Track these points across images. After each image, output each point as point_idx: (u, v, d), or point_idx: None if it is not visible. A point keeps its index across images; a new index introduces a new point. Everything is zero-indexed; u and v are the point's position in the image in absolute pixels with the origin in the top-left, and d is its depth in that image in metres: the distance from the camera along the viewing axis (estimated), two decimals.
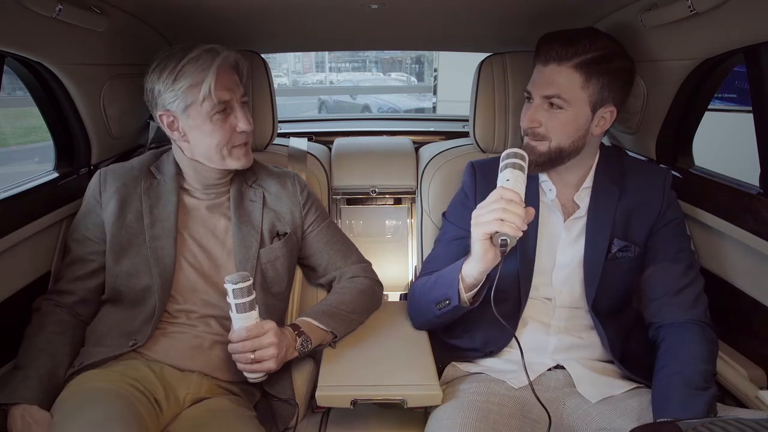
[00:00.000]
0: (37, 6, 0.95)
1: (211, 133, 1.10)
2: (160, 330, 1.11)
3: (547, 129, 1.08)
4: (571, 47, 1.05)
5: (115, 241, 1.13)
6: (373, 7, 1.22)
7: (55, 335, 1.09)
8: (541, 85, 1.08)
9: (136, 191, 1.16)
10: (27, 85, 1.25)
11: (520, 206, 0.91)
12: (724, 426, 0.58)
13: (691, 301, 1.09)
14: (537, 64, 1.11)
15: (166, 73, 1.07)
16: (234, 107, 1.12)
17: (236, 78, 1.14)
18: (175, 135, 1.13)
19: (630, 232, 1.14)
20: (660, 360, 1.04)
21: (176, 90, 1.07)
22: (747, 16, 0.95)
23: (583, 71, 1.05)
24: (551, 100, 1.07)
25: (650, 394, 1.02)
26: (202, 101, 1.07)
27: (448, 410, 0.99)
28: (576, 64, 1.05)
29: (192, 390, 1.05)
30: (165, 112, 1.11)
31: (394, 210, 1.63)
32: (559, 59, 1.06)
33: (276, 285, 1.21)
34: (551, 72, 1.07)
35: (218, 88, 1.07)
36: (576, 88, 1.06)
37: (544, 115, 1.08)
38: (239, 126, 1.12)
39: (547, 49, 1.07)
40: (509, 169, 0.96)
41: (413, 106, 8.73)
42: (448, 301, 1.05)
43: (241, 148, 1.15)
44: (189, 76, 1.06)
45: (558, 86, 1.06)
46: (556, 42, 1.07)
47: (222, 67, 1.09)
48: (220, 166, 1.14)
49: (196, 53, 1.07)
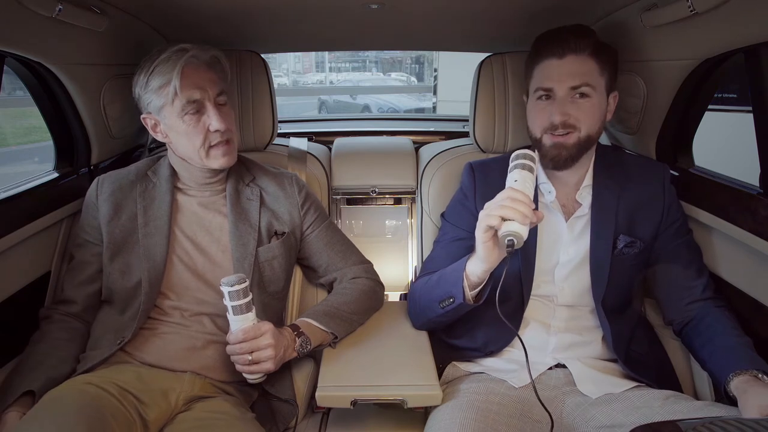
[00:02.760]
0: (37, 6, 0.95)
1: (186, 133, 1.10)
2: (152, 330, 1.10)
3: (577, 119, 1.09)
4: (584, 38, 1.08)
5: (110, 240, 1.14)
6: (373, 7, 1.22)
7: (63, 341, 1.09)
8: (564, 77, 1.08)
9: (131, 194, 1.17)
10: (27, 85, 1.25)
11: (527, 206, 0.90)
12: (724, 426, 0.59)
13: (709, 293, 1.14)
14: (547, 59, 1.10)
15: (142, 76, 1.09)
16: (206, 106, 1.10)
17: (212, 76, 1.12)
18: (158, 137, 1.14)
19: (635, 228, 1.15)
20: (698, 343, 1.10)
21: (150, 91, 1.08)
22: (747, 16, 0.95)
23: (597, 58, 1.08)
24: (579, 90, 1.08)
25: (651, 392, 1.03)
26: (172, 101, 1.07)
27: (447, 410, 0.99)
28: (591, 52, 1.08)
29: (185, 389, 1.04)
30: (147, 115, 1.12)
31: (394, 210, 1.63)
32: (576, 50, 1.08)
33: (273, 284, 1.21)
34: (572, 63, 1.08)
35: (186, 86, 1.06)
36: (596, 75, 1.09)
37: (572, 106, 1.09)
38: (212, 125, 1.09)
39: (560, 43, 1.08)
40: (518, 170, 0.95)
41: (413, 106, 8.73)
42: (452, 299, 1.05)
43: (219, 147, 1.12)
44: (158, 76, 1.07)
45: (584, 75, 1.08)
46: (567, 35, 1.09)
47: (190, 66, 1.08)
48: (201, 165, 1.14)
49: (167, 54, 1.07)
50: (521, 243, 0.91)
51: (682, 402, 0.98)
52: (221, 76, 1.15)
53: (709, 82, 1.21)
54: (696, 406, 0.96)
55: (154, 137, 1.15)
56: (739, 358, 0.98)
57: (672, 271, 1.16)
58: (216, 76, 1.13)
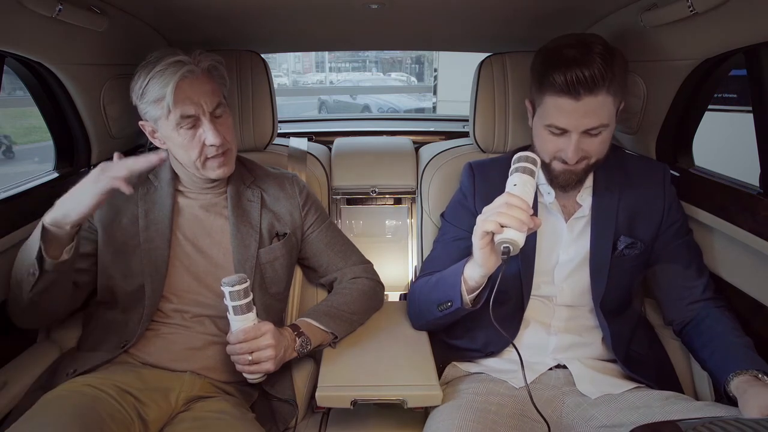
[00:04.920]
0: (37, 6, 0.95)
1: (182, 145, 1.08)
2: (153, 331, 1.10)
3: (589, 152, 1.06)
4: (599, 71, 0.97)
5: (110, 242, 1.13)
6: (373, 7, 1.22)
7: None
8: (580, 119, 1.01)
9: (132, 197, 1.15)
10: (27, 85, 1.25)
11: (523, 212, 0.89)
12: (724, 426, 0.58)
13: (709, 294, 1.14)
14: (562, 96, 1.01)
15: (138, 85, 1.07)
16: (201, 120, 1.07)
17: (209, 87, 1.09)
18: (157, 143, 1.14)
19: (635, 229, 1.15)
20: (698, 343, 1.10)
21: (146, 103, 1.07)
22: (747, 16, 0.94)
23: (611, 89, 1.00)
24: (595, 131, 1.03)
25: (651, 392, 1.03)
26: (167, 115, 1.06)
27: (446, 411, 0.99)
28: (607, 87, 0.99)
29: (185, 389, 1.04)
30: (145, 122, 1.12)
31: (394, 210, 1.63)
32: (593, 89, 0.98)
33: (274, 285, 1.21)
34: (587, 104, 1.00)
35: (180, 101, 1.04)
36: (611, 108, 1.02)
37: (585, 142, 1.04)
38: (208, 139, 1.07)
39: (573, 81, 0.98)
40: (518, 174, 0.94)
41: (413, 106, 8.74)
42: (450, 303, 1.05)
43: (215, 160, 1.11)
44: (153, 89, 1.05)
45: (599, 116, 1.01)
46: (577, 69, 0.98)
47: (185, 80, 1.04)
48: (197, 174, 1.14)
49: (162, 66, 1.04)
50: (517, 250, 0.90)
51: (682, 402, 0.98)
52: (220, 83, 1.14)
53: (709, 82, 1.21)
54: (696, 406, 0.96)
55: (153, 143, 1.15)
56: (740, 358, 0.98)
57: (672, 272, 1.16)
58: (214, 86, 1.11)
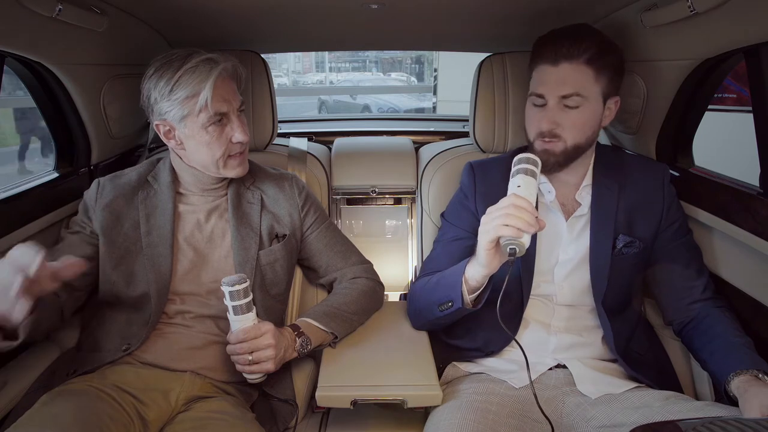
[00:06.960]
0: (37, 6, 0.95)
1: (207, 143, 1.09)
2: (156, 331, 1.10)
3: (563, 129, 1.08)
4: (580, 43, 1.04)
5: (113, 248, 1.13)
6: (373, 7, 1.22)
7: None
8: (555, 85, 1.07)
9: (132, 202, 1.16)
10: (27, 85, 1.25)
11: (529, 213, 0.90)
12: (724, 426, 0.58)
13: (709, 294, 1.14)
14: (542, 64, 1.09)
15: (163, 83, 1.05)
16: (231, 118, 1.10)
17: (234, 86, 1.12)
18: (171, 143, 1.13)
19: (634, 228, 1.15)
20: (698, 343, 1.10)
21: (173, 100, 1.06)
22: (747, 16, 0.95)
23: (593, 66, 1.05)
24: (569, 100, 1.06)
25: (651, 392, 1.03)
26: (198, 112, 1.06)
27: (446, 411, 0.99)
28: (587, 59, 1.05)
29: (185, 389, 1.04)
30: (161, 122, 1.10)
31: (394, 210, 1.63)
32: (570, 57, 1.05)
33: (275, 286, 1.21)
34: (564, 70, 1.06)
35: (215, 100, 1.05)
36: (590, 84, 1.06)
37: (561, 115, 1.08)
38: (235, 137, 1.10)
39: (555, 48, 1.06)
40: (521, 175, 0.95)
41: (413, 106, 8.73)
42: (451, 303, 1.05)
43: (237, 158, 1.13)
44: (186, 87, 1.04)
45: (575, 84, 1.05)
46: (563, 40, 1.06)
47: (220, 78, 1.06)
48: (215, 174, 1.14)
49: (194, 63, 1.05)
50: (523, 251, 0.90)
51: (682, 402, 0.98)
52: (239, 84, 1.15)
53: (709, 82, 1.21)
54: (696, 406, 0.95)
55: (166, 143, 1.14)
56: (740, 358, 0.98)
57: (672, 272, 1.16)
58: (236, 86, 1.13)
